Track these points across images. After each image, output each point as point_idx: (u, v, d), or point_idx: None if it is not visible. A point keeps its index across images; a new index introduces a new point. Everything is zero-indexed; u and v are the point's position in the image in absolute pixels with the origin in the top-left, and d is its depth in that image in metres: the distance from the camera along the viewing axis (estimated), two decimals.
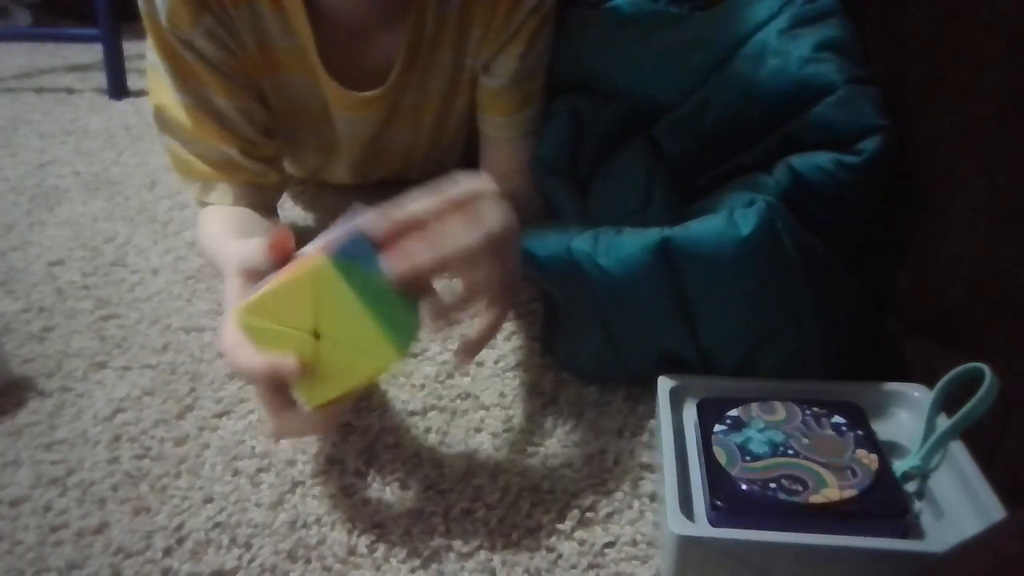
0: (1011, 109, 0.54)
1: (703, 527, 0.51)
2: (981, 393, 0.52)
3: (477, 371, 0.72)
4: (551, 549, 0.55)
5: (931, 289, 0.62)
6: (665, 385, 0.62)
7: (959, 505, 0.52)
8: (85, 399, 0.69)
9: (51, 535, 0.56)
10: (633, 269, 0.62)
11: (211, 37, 0.72)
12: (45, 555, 0.55)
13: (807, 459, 0.54)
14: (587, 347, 0.68)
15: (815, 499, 0.51)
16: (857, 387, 0.62)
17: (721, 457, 0.54)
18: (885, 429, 0.59)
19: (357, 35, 0.77)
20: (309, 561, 0.55)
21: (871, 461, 0.53)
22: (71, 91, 1.46)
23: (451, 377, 0.71)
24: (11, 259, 0.90)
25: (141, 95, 1.43)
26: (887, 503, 0.51)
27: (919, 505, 0.54)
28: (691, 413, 0.60)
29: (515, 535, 0.56)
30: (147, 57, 0.76)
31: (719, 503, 0.51)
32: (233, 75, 0.75)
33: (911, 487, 0.55)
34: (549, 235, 0.66)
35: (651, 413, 0.66)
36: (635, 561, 0.55)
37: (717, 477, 0.53)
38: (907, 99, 0.65)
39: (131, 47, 1.46)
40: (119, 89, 1.44)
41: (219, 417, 0.67)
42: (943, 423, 0.55)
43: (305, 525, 0.57)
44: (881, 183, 0.65)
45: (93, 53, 1.53)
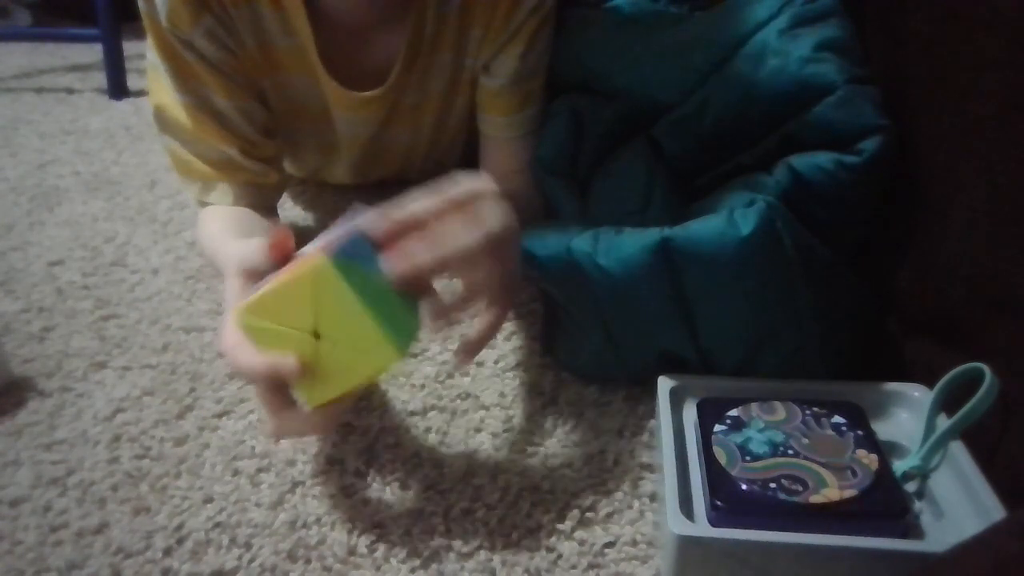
0: (1011, 109, 0.54)
1: (703, 527, 0.51)
2: (981, 393, 0.52)
3: (477, 371, 0.72)
4: (551, 549, 0.55)
5: (931, 289, 0.62)
6: (665, 385, 0.62)
7: (959, 505, 0.52)
8: (85, 399, 0.69)
9: (51, 535, 0.56)
10: (633, 269, 0.62)
11: (211, 37, 0.72)
12: (45, 555, 0.55)
13: (807, 459, 0.54)
14: (587, 347, 0.68)
15: (815, 499, 0.51)
16: (857, 387, 0.62)
17: (721, 457, 0.54)
18: (885, 429, 0.59)
19: (357, 35, 0.77)
20: (309, 561, 0.55)
21: (871, 461, 0.53)
22: (71, 91, 1.46)
23: (451, 377, 0.71)
24: (11, 259, 0.90)
25: (141, 95, 1.43)
26: (887, 503, 0.51)
27: (919, 505, 0.54)
28: (691, 413, 0.60)
29: (515, 535, 0.56)
30: (147, 57, 0.76)
31: (719, 503, 0.51)
32: (233, 75, 0.75)
33: (911, 487, 0.55)
34: (549, 235, 0.66)
35: (651, 413, 0.66)
36: (635, 561, 0.55)
37: (717, 477, 0.53)
38: (907, 99, 0.65)
39: (131, 47, 1.46)
40: (119, 89, 1.44)
41: (219, 417, 0.67)
42: (943, 423, 0.55)
43: (305, 525, 0.57)
44: (881, 183, 0.65)
45: (93, 53, 1.53)
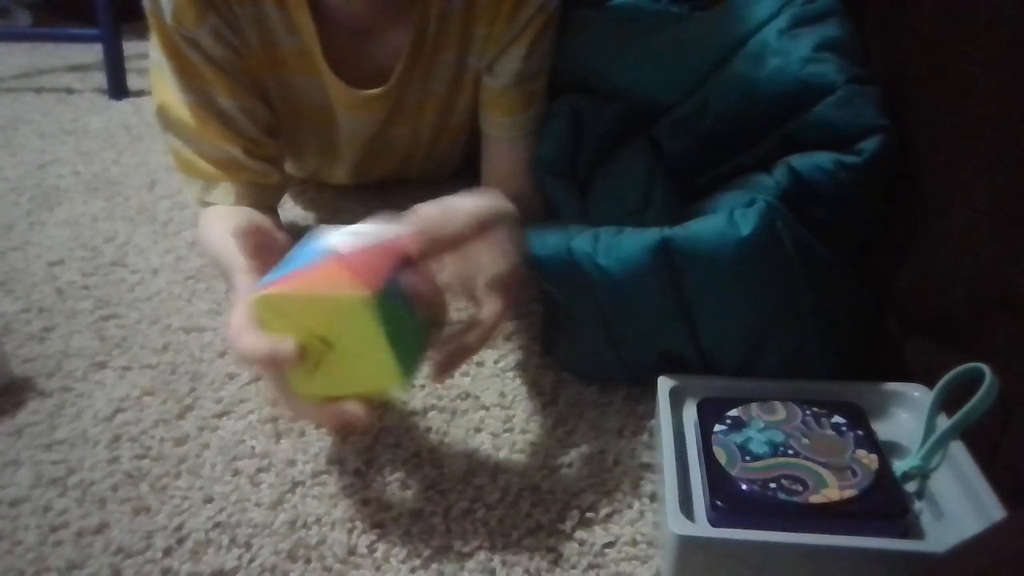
0: (1011, 109, 0.54)
1: (703, 527, 0.51)
2: (981, 393, 0.52)
3: (477, 371, 0.72)
4: (551, 549, 0.55)
5: (931, 289, 0.62)
6: (665, 385, 0.62)
7: (959, 505, 0.52)
8: (85, 399, 0.69)
9: (51, 535, 0.56)
10: (633, 269, 0.62)
11: (216, 36, 0.72)
12: (45, 555, 0.55)
13: (807, 459, 0.54)
14: (587, 347, 0.68)
15: (815, 499, 0.51)
16: (857, 387, 0.62)
17: (721, 457, 0.54)
18: (885, 429, 0.59)
19: (360, 33, 0.77)
20: (309, 561, 0.55)
21: (871, 461, 0.53)
22: (71, 91, 1.46)
23: (451, 377, 0.71)
24: (11, 259, 0.90)
25: (141, 95, 1.43)
26: (887, 503, 0.51)
27: (919, 505, 0.54)
28: (691, 413, 0.60)
29: (515, 535, 0.56)
30: (151, 56, 0.76)
31: (719, 503, 0.51)
32: (237, 74, 0.75)
33: (911, 487, 0.55)
34: (549, 235, 0.66)
35: (651, 413, 0.66)
36: (635, 561, 0.55)
37: (717, 477, 0.53)
38: (907, 99, 0.65)
39: (131, 47, 1.46)
40: (119, 89, 1.44)
41: (219, 417, 0.67)
42: (943, 423, 0.55)
43: (305, 525, 0.57)
44: (881, 183, 0.65)
45: (93, 53, 1.53)
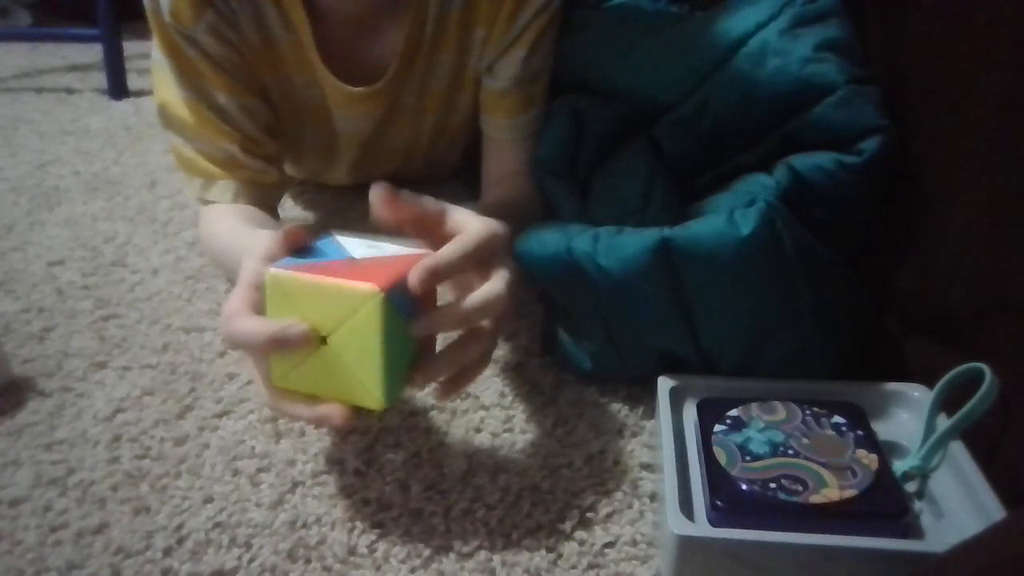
0: (1011, 109, 0.54)
1: (703, 527, 0.51)
2: (981, 393, 0.52)
3: None
4: (551, 549, 0.55)
5: (931, 289, 0.62)
6: (665, 385, 0.62)
7: (959, 505, 0.52)
8: (85, 399, 0.69)
9: (51, 535, 0.56)
10: (633, 269, 0.62)
11: (214, 32, 0.72)
12: (45, 555, 0.55)
13: (807, 459, 0.54)
14: (587, 347, 0.68)
15: (815, 499, 0.51)
16: (857, 387, 0.62)
17: (721, 457, 0.54)
18: (885, 429, 0.59)
19: (355, 31, 0.77)
20: (309, 561, 0.55)
21: (871, 461, 0.53)
22: (71, 91, 1.46)
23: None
24: (11, 259, 0.90)
25: (141, 95, 1.43)
26: (887, 503, 0.51)
27: (919, 505, 0.54)
28: (691, 413, 0.60)
29: (515, 535, 0.56)
30: (152, 55, 0.76)
31: (719, 503, 0.51)
32: (235, 71, 0.75)
33: (911, 487, 0.55)
34: (549, 235, 0.66)
35: (651, 413, 0.66)
36: (635, 561, 0.55)
37: (717, 477, 0.53)
38: (907, 99, 0.65)
39: (131, 47, 1.46)
40: (119, 89, 1.44)
41: (219, 417, 0.67)
42: (943, 423, 0.55)
43: (305, 525, 0.57)
44: (881, 183, 0.65)
45: (93, 53, 1.53)
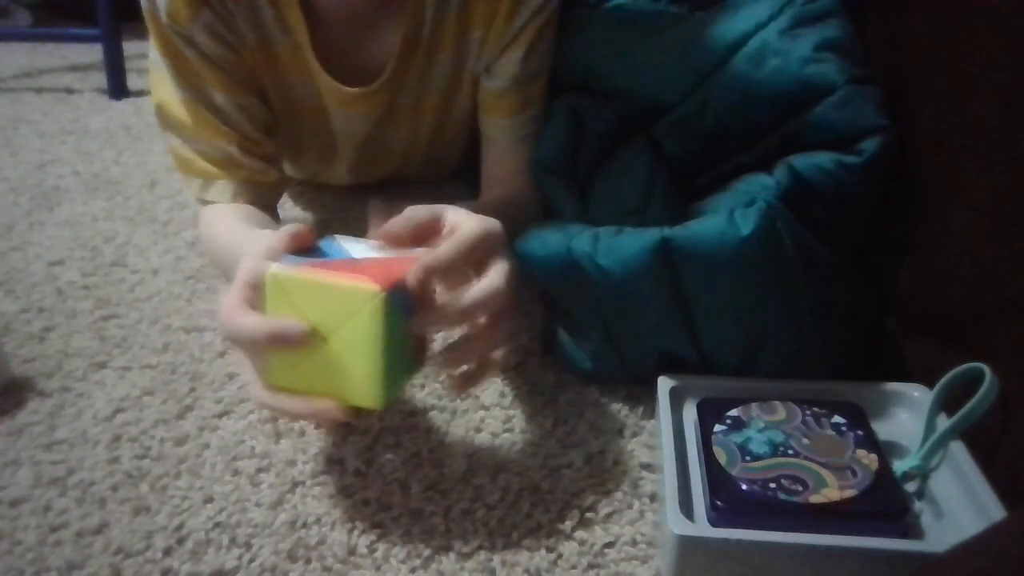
0: (1011, 109, 0.54)
1: (703, 527, 0.51)
2: (981, 393, 0.52)
3: None
4: (551, 549, 0.55)
5: (931, 289, 0.62)
6: (665, 385, 0.62)
7: (959, 505, 0.52)
8: (85, 399, 0.69)
9: (51, 535, 0.56)
10: (633, 269, 0.62)
11: (210, 32, 0.72)
12: (45, 555, 0.55)
13: (807, 459, 0.54)
14: (587, 347, 0.68)
15: (815, 499, 0.51)
16: (857, 387, 0.62)
17: (721, 457, 0.54)
18: (885, 429, 0.59)
19: (351, 31, 0.77)
20: (309, 561, 0.55)
21: (871, 461, 0.53)
22: (71, 91, 1.46)
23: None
24: (11, 259, 0.90)
25: (141, 95, 1.43)
26: (887, 503, 0.51)
27: (919, 505, 0.54)
28: (691, 413, 0.60)
29: (515, 535, 0.56)
30: (149, 55, 0.77)
31: (719, 503, 0.51)
32: (232, 71, 0.75)
33: (911, 487, 0.55)
34: (549, 235, 0.66)
35: (651, 413, 0.66)
36: (635, 561, 0.55)
37: (717, 477, 0.53)
38: (907, 99, 0.65)
39: (131, 47, 1.46)
40: (119, 89, 1.44)
41: (219, 417, 0.67)
42: (943, 423, 0.55)
43: (305, 525, 0.57)
44: (881, 183, 0.65)
45: (93, 53, 1.53)
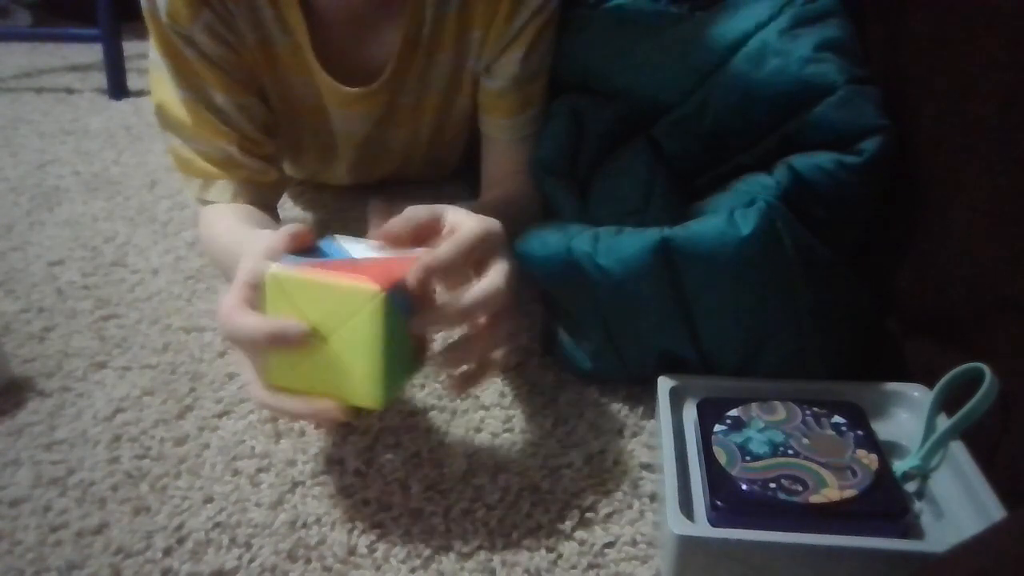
0: (1011, 109, 0.54)
1: (703, 527, 0.51)
2: (981, 393, 0.52)
3: None
4: (551, 549, 0.55)
5: (931, 289, 0.62)
6: (665, 385, 0.62)
7: (959, 505, 0.52)
8: (85, 399, 0.69)
9: (51, 535, 0.56)
10: (633, 269, 0.62)
11: (210, 32, 0.72)
12: (45, 555, 0.55)
13: (807, 459, 0.54)
14: (587, 347, 0.68)
15: (815, 499, 0.51)
16: (857, 387, 0.62)
17: (721, 457, 0.54)
18: (885, 429, 0.59)
19: (351, 31, 0.77)
20: (309, 561, 0.55)
21: (871, 461, 0.53)
22: (71, 91, 1.46)
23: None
24: (11, 259, 0.90)
25: (141, 95, 1.43)
26: (887, 503, 0.51)
27: (919, 505, 0.54)
28: (691, 413, 0.60)
29: (515, 535, 0.56)
30: (149, 55, 0.77)
31: (719, 503, 0.51)
32: (232, 71, 0.75)
33: (911, 487, 0.55)
34: (549, 235, 0.66)
35: (651, 413, 0.66)
36: (635, 561, 0.55)
37: (717, 477, 0.53)
38: (907, 99, 0.65)
39: (131, 47, 1.46)
40: (119, 89, 1.44)
41: (219, 417, 0.67)
42: (943, 423, 0.55)
43: (305, 525, 0.57)
44: (881, 183, 0.65)
45: (93, 53, 1.53)
